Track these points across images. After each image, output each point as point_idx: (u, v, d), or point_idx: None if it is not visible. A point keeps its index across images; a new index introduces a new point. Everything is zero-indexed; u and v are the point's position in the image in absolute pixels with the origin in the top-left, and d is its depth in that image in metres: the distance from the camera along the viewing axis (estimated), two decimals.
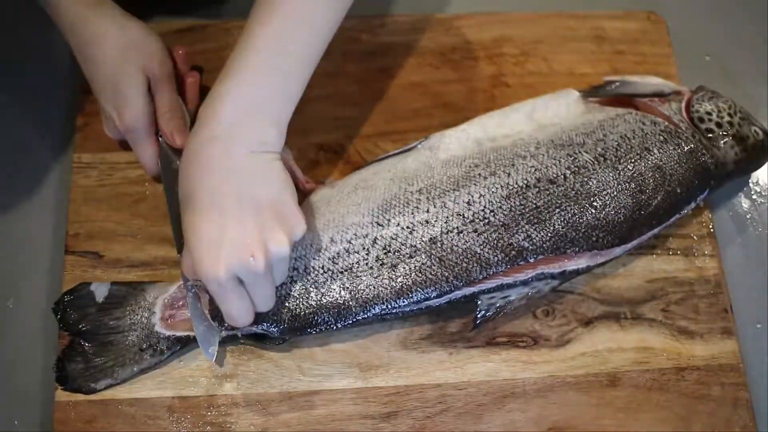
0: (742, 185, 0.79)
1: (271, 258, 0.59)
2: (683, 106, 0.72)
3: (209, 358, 0.63)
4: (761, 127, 0.73)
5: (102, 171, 0.73)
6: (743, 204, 0.78)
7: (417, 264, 0.64)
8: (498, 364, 0.69)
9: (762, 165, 0.76)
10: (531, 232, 0.65)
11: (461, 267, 0.64)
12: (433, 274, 0.64)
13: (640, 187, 0.67)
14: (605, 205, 0.66)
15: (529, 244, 0.65)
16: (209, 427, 0.65)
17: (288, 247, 0.59)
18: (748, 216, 0.78)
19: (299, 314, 0.64)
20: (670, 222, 0.71)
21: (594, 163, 0.67)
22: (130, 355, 0.65)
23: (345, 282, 0.64)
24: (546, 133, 0.69)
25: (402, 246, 0.65)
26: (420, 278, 0.64)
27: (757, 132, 0.73)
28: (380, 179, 0.68)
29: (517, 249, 0.65)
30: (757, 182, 0.79)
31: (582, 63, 0.82)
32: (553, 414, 0.68)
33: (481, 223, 0.65)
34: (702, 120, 0.72)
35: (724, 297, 0.73)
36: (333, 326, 0.65)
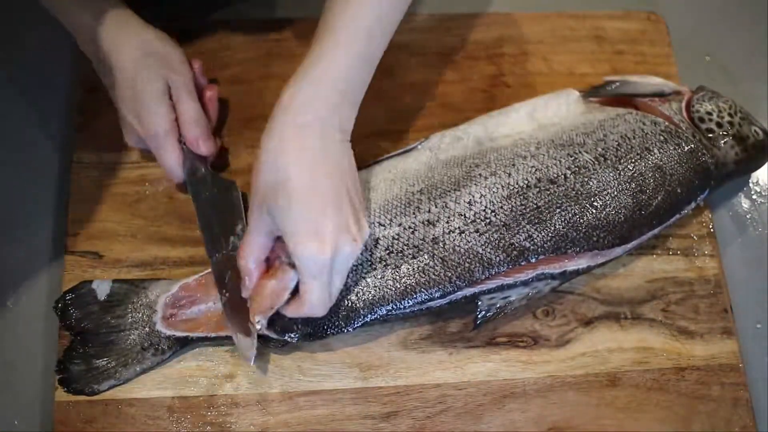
0: (742, 185, 0.79)
1: (364, 239, 0.61)
2: (683, 106, 0.72)
3: (249, 363, 0.63)
4: (761, 127, 0.73)
5: (102, 171, 0.73)
6: (743, 204, 0.78)
7: (420, 264, 0.64)
8: (498, 364, 0.69)
9: (762, 165, 0.76)
10: (532, 232, 0.65)
11: (464, 267, 0.64)
12: (436, 275, 0.64)
13: (641, 187, 0.67)
14: (606, 205, 0.66)
15: (531, 244, 0.65)
16: (209, 427, 0.65)
17: (367, 229, 0.62)
18: (748, 216, 0.78)
19: (311, 320, 0.64)
20: (671, 222, 0.71)
21: (594, 163, 0.67)
22: (132, 355, 0.66)
23: (350, 284, 0.64)
24: (546, 133, 0.69)
25: (404, 246, 0.65)
26: (423, 278, 0.64)
27: (757, 132, 0.73)
28: (381, 180, 0.68)
29: (519, 249, 0.65)
30: (757, 182, 0.79)
31: (582, 63, 0.82)
32: (553, 414, 0.68)
33: (483, 223, 0.65)
34: (702, 120, 0.72)
35: (724, 297, 0.73)
36: (343, 329, 0.65)
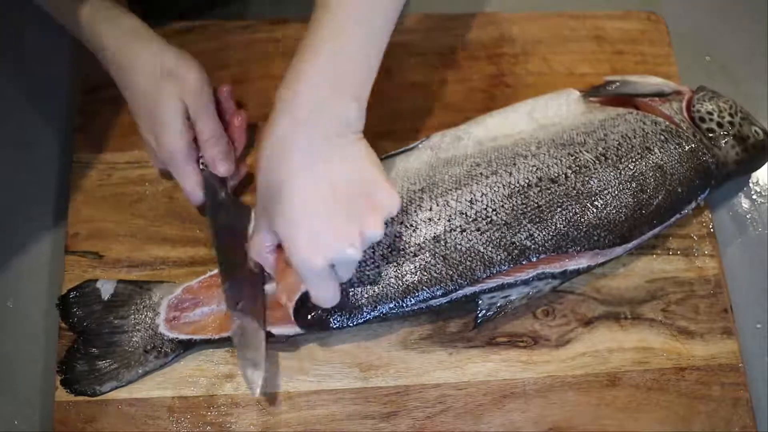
0: (742, 185, 0.79)
1: (366, 243, 0.58)
2: (684, 106, 0.72)
3: (255, 394, 0.64)
4: (761, 127, 0.73)
5: (102, 171, 0.73)
6: (743, 204, 0.78)
7: (422, 262, 0.64)
8: (498, 364, 0.69)
9: (762, 165, 0.76)
10: (533, 231, 0.65)
11: (465, 265, 0.64)
12: (438, 273, 0.64)
13: (641, 187, 0.67)
14: (606, 204, 0.66)
15: (532, 243, 0.65)
16: (209, 427, 0.65)
17: (382, 229, 0.58)
18: (748, 216, 0.78)
19: (315, 315, 0.64)
20: (672, 222, 0.71)
21: (595, 163, 0.67)
22: (135, 357, 0.66)
23: (353, 281, 0.64)
24: (547, 133, 0.69)
25: (406, 244, 0.65)
26: (425, 276, 0.64)
27: (758, 132, 0.73)
28: None
29: (520, 248, 0.65)
30: (757, 182, 0.79)
31: (582, 63, 0.82)
32: (553, 414, 0.68)
33: (484, 222, 0.65)
34: (703, 120, 0.72)
35: (724, 297, 0.73)
36: (346, 324, 0.65)
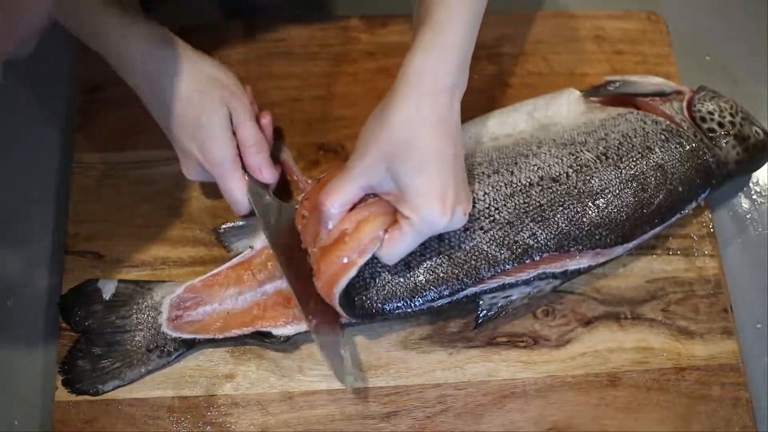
0: (742, 185, 0.79)
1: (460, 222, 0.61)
2: (685, 106, 0.72)
3: (347, 386, 0.65)
4: (761, 128, 0.73)
5: (102, 171, 0.73)
6: (743, 204, 0.78)
7: (427, 262, 0.64)
8: (498, 364, 0.69)
9: (762, 165, 0.76)
10: (536, 230, 0.65)
11: (470, 264, 0.64)
12: (444, 272, 0.64)
13: (642, 186, 0.67)
14: (608, 204, 0.66)
15: (535, 242, 0.65)
16: (209, 427, 0.65)
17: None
18: (748, 216, 0.78)
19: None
20: (672, 221, 0.71)
21: (596, 162, 0.67)
22: (138, 356, 0.66)
23: (361, 282, 0.64)
24: (548, 132, 0.69)
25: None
26: (432, 277, 0.64)
27: (758, 132, 0.73)
28: None
29: (524, 246, 0.65)
30: (757, 182, 0.79)
31: (582, 63, 0.82)
32: (553, 414, 0.68)
33: (487, 221, 0.65)
34: (704, 119, 0.72)
35: (724, 297, 0.73)
36: (356, 323, 0.65)
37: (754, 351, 0.72)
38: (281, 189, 0.72)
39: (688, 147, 0.70)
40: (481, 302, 0.66)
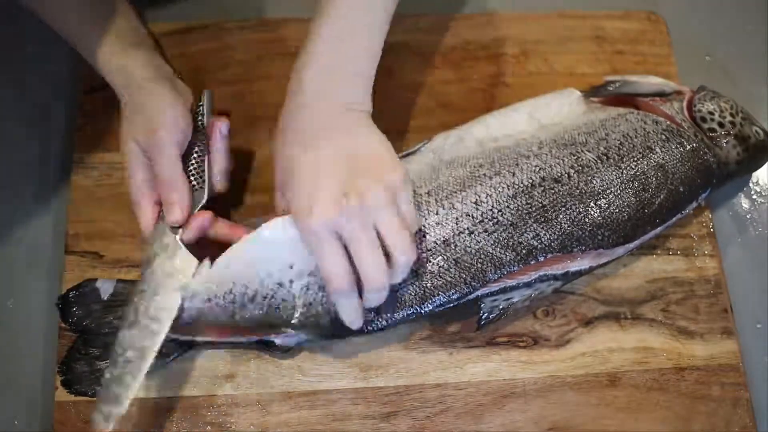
0: (742, 185, 0.79)
1: (369, 210, 0.58)
2: (685, 106, 0.72)
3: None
4: (762, 128, 0.73)
5: (102, 171, 0.73)
6: (743, 204, 0.78)
7: (435, 267, 0.64)
8: (498, 364, 0.69)
9: (762, 165, 0.76)
10: (539, 231, 0.65)
11: (477, 267, 0.64)
12: (452, 277, 0.64)
13: (643, 186, 0.67)
14: (609, 204, 0.66)
15: (538, 243, 0.65)
16: (209, 427, 0.65)
17: (383, 196, 0.58)
18: (748, 216, 0.78)
19: (326, 323, 0.64)
20: (673, 221, 0.71)
21: (597, 162, 0.67)
22: None
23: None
24: (548, 133, 0.69)
25: (419, 249, 0.64)
26: (440, 281, 0.64)
27: (758, 132, 0.73)
28: None
29: (528, 248, 0.65)
30: (757, 182, 0.79)
31: (582, 63, 0.82)
32: (553, 414, 0.68)
33: (491, 223, 0.65)
34: (704, 119, 0.72)
35: (724, 297, 0.73)
36: (360, 333, 0.64)
37: (754, 351, 0.72)
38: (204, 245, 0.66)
39: (689, 147, 0.70)
40: (483, 305, 0.66)
